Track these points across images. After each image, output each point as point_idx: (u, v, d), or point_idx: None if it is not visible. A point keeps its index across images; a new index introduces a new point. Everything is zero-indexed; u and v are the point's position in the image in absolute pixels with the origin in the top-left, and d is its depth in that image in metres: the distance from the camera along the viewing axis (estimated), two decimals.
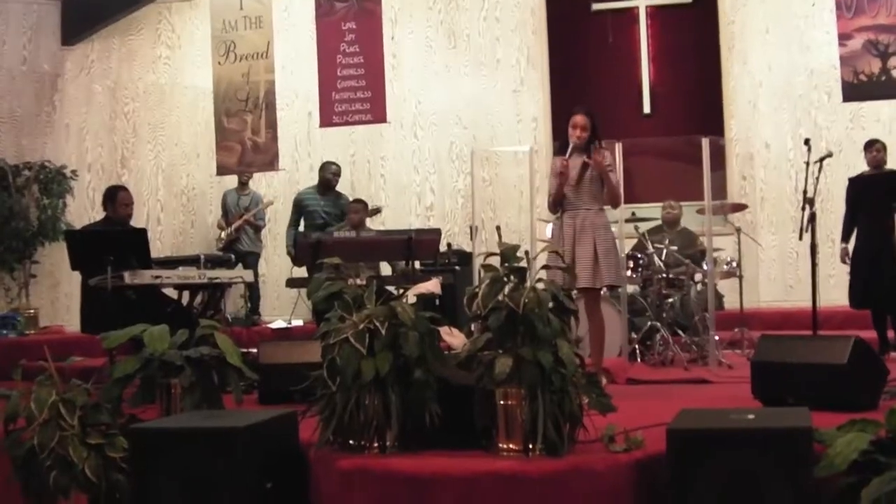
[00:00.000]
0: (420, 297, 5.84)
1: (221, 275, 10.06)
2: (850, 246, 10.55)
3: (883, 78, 13.57)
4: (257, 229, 14.23)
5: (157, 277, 9.21)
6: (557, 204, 8.43)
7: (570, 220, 8.32)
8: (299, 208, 13.44)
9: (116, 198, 10.23)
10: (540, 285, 5.47)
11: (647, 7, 14.55)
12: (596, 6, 14.66)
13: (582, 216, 8.31)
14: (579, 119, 8.40)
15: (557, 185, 8.36)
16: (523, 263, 5.51)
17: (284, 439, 5.69)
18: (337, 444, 5.54)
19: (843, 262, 10.59)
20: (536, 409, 5.18)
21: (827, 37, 13.78)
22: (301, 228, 13.14)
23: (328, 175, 13.45)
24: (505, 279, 5.46)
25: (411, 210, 14.82)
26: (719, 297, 12.06)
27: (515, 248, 5.58)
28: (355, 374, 5.39)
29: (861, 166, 10.92)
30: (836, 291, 10.82)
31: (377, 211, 13.27)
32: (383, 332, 5.44)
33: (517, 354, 5.22)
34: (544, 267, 6.12)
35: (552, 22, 14.75)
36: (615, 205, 8.76)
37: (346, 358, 5.41)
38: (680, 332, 10.76)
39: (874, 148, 10.65)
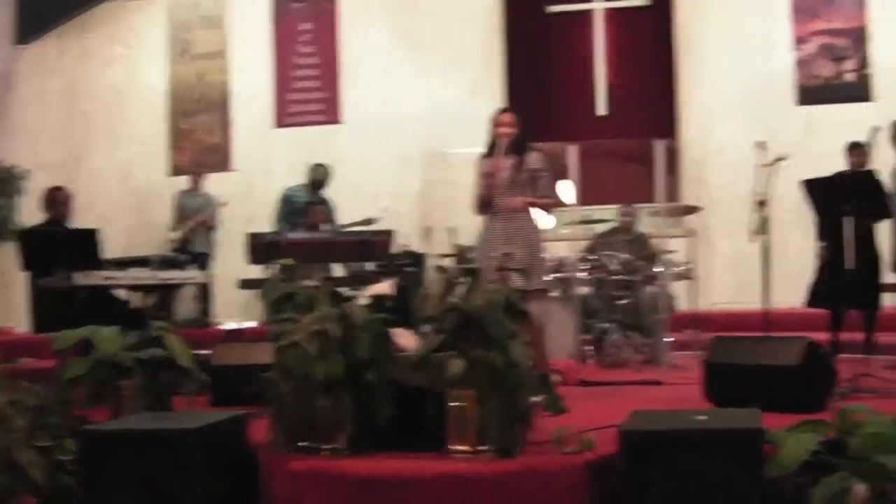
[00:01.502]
0: (373, 298, 5.83)
1: (174, 276, 10.03)
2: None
3: (837, 82, 13.67)
4: (210, 230, 14.15)
5: (108, 278, 9.17)
6: (486, 206, 8.26)
7: (502, 221, 8.16)
8: (288, 204, 13.36)
9: (55, 199, 10.20)
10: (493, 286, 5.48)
11: (603, 9, 14.58)
12: (552, 8, 14.68)
13: (513, 218, 8.16)
14: (505, 117, 8.28)
15: (487, 187, 8.19)
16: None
17: (235, 441, 5.67)
18: (288, 446, 5.52)
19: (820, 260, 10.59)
20: (489, 411, 5.19)
21: (783, 41, 13.85)
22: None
23: (319, 176, 13.42)
24: (457, 281, 5.46)
25: (365, 211, 14.77)
26: (672, 299, 12.09)
27: (468, 249, 5.58)
28: (307, 376, 5.38)
29: (814, 169, 10.95)
30: (787, 293, 10.85)
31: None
32: (336, 334, 5.43)
33: (469, 356, 5.22)
34: (497, 269, 6.13)
35: (508, 24, 14.78)
36: (549, 210, 8.62)
37: (298, 360, 5.41)
38: (632, 333, 10.78)
39: (855, 152, 10.53)
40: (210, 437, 5.29)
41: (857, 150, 10.52)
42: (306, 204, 12.64)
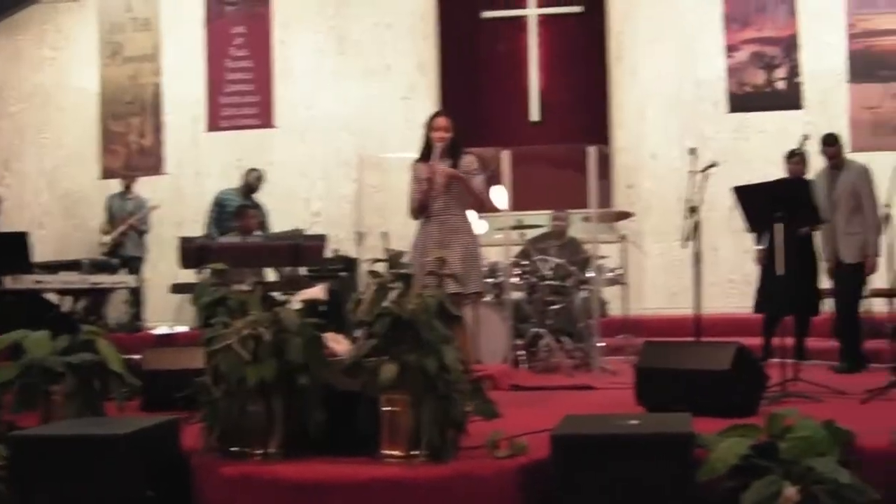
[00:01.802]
0: (305, 303, 5.81)
1: (104, 280, 9.98)
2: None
3: (768, 90, 13.81)
4: (142, 234, 14.04)
5: (38, 282, 9.11)
6: (422, 210, 8.22)
7: (438, 225, 8.14)
8: (220, 207, 13.27)
9: None
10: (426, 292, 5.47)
11: (536, 15, 14.64)
12: (486, 14, 14.73)
13: (449, 222, 8.16)
14: (441, 120, 8.23)
15: (425, 191, 8.14)
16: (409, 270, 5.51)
17: (167, 446, 5.62)
18: (220, 451, 5.50)
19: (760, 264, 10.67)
20: (421, 416, 5.19)
21: (714, 48, 13.97)
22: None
23: (251, 180, 13.34)
24: (390, 285, 5.45)
25: (298, 216, 14.74)
26: (604, 304, 12.15)
27: (401, 254, 5.58)
28: (239, 380, 5.36)
29: (745, 176, 11.02)
30: (719, 299, 10.97)
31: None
32: (268, 338, 5.41)
33: (402, 361, 5.22)
34: (429, 273, 6.12)
35: (442, 29, 14.80)
36: (480, 210, 8.67)
37: (230, 364, 5.38)
38: (564, 338, 10.81)
39: (793, 160, 10.57)
40: (141, 443, 5.25)
41: (796, 157, 10.58)
42: (239, 207, 12.57)
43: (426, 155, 8.21)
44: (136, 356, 8.74)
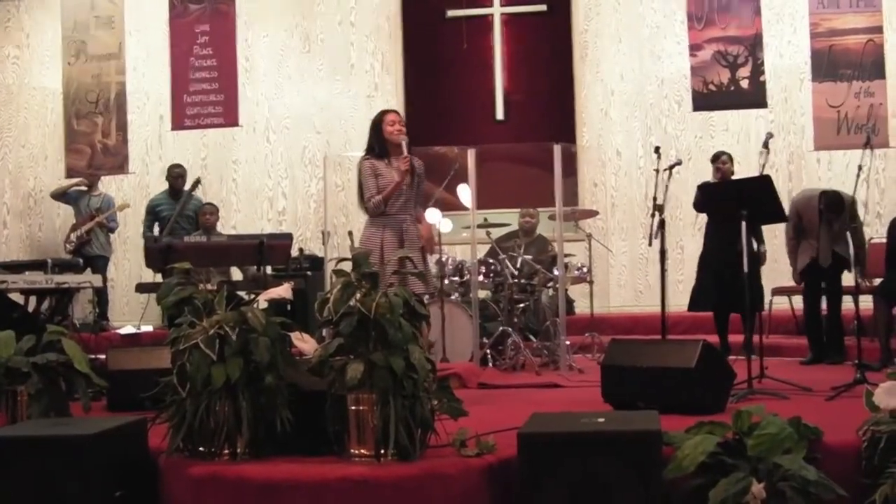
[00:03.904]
0: (271, 302, 5.79)
1: (69, 280, 9.91)
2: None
3: (732, 88, 13.88)
4: (110, 231, 13.95)
5: (2, 282, 9.04)
6: (383, 208, 8.18)
7: (396, 225, 8.15)
8: (153, 214, 13.23)
9: None
10: (391, 290, 5.47)
11: (501, 14, 14.67)
12: (451, 13, 14.74)
13: (406, 222, 8.20)
14: (395, 116, 8.35)
15: (395, 185, 8.10)
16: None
17: (134, 447, 5.60)
18: (187, 451, 5.48)
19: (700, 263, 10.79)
20: (388, 415, 5.19)
21: (678, 47, 14.05)
22: (156, 234, 12.94)
23: (171, 178, 13.27)
24: (356, 284, 5.45)
25: (263, 214, 14.73)
26: (570, 302, 12.19)
27: (367, 253, 5.58)
28: (205, 380, 5.34)
29: (708, 174, 11.08)
30: (684, 296, 10.96)
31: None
32: (234, 337, 5.40)
33: (369, 360, 5.22)
34: (395, 272, 6.12)
35: (407, 28, 14.80)
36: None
37: (196, 364, 5.36)
38: (531, 336, 10.83)
39: (720, 161, 10.80)
40: (108, 443, 5.24)
41: (720, 158, 10.75)
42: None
43: (380, 152, 8.26)
44: (101, 356, 8.72)
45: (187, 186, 12.72)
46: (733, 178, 10.74)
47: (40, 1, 15.38)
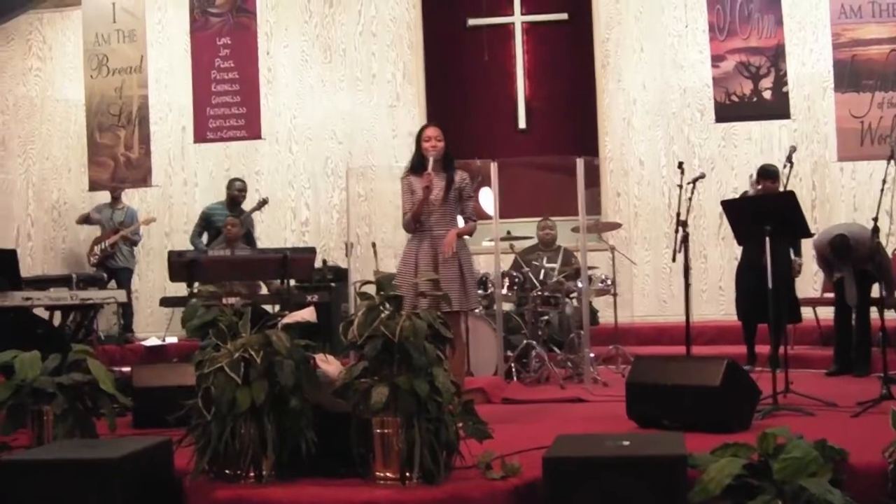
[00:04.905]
0: (295, 325, 5.80)
1: (94, 295, 9.96)
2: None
3: (754, 99, 13.81)
4: (133, 244, 13.98)
5: (27, 299, 9.08)
6: (417, 222, 8.13)
7: (432, 239, 8.05)
8: (206, 221, 13.20)
9: None
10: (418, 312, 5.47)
11: (522, 23, 14.67)
12: (472, 22, 14.74)
13: (443, 237, 8.04)
14: (431, 130, 8.18)
15: (420, 202, 8.03)
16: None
17: (160, 469, 5.62)
18: (213, 473, 5.50)
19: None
20: (413, 438, 5.19)
21: (700, 56, 14.00)
22: (205, 241, 12.95)
23: (234, 192, 13.23)
24: (380, 307, 5.45)
25: (286, 225, 14.75)
26: (594, 313, 12.15)
27: (391, 276, 5.58)
28: (230, 403, 5.36)
29: (731, 183, 11.05)
30: (709, 306, 10.98)
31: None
32: (258, 360, 5.42)
33: (393, 383, 5.22)
34: (420, 294, 6.11)
35: (428, 37, 14.80)
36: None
37: (220, 387, 5.38)
38: (555, 349, 10.82)
39: (770, 179, 10.53)
40: (134, 466, 5.25)
41: (765, 181, 10.53)
42: (227, 217, 12.58)
43: (418, 167, 8.15)
44: (125, 368, 8.76)
45: (251, 204, 12.79)
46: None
47: (62, 14, 15.44)
